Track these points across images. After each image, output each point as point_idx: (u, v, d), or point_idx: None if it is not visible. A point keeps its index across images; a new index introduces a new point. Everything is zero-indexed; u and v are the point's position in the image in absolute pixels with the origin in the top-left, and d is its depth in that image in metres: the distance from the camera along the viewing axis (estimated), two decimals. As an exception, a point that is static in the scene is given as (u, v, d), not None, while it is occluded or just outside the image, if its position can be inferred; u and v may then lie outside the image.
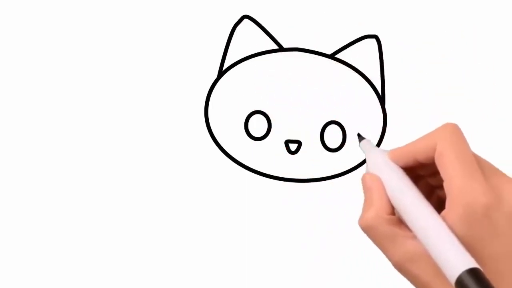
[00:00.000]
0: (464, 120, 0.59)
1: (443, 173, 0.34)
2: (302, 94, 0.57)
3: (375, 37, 0.58)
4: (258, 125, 0.57)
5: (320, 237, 0.57)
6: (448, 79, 0.59)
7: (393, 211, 0.36)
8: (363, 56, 0.58)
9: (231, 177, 0.57)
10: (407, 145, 0.38)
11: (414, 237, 0.34)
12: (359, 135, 0.42)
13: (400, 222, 0.36)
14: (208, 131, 0.57)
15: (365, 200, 0.37)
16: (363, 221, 0.36)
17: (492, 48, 0.59)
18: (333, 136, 0.57)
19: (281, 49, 0.58)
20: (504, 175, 0.36)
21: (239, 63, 0.57)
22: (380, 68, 0.58)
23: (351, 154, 0.57)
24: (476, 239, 0.33)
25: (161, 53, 0.58)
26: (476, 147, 0.59)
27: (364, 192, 0.38)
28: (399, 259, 0.36)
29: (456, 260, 0.31)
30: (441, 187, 0.35)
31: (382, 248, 0.36)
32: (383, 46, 0.58)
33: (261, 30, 0.58)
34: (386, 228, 0.35)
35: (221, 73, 0.57)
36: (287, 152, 0.57)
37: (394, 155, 0.38)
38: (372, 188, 0.37)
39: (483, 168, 0.35)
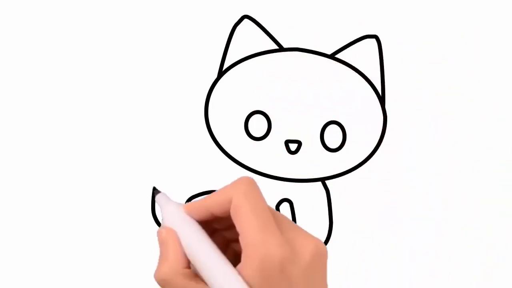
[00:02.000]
0: (464, 120, 0.59)
1: (238, 227, 0.34)
2: (302, 94, 0.57)
3: (375, 37, 0.58)
4: (258, 125, 0.57)
5: (320, 237, 0.57)
6: (448, 79, 0.59)
7: (188, 264, 0.36)
8: (363, 56, 0.58)
9: (231, 177, 0.57)
10: (203, 199, 0.37)
11: None
12: (154, 188, 0.42)
13: (196, 276, 0.36)
14: (208, 131, 0.57)
15: (161, 254, 0.37)
16: (159, 275, 0.36)
17: (492, 48, 0.59)
18: (333, 136, 0.57)
19: (281, 49, 0.58)
20: (299, 229, 0.36)
21: (239, 63, 0.57)
22: (380, 68, 0.58)
23: (351, 154, 0.57)
24: None
25: (162, 53, 0.58)
26: (476, 147, 0.59)
27: (160, 246, 0.37)
28: None
29: None
30: (236, 240, 0.35)
31: None
32: (383, 46, 0.58)
33: (261, 30, 0.58)
34: (181, 282, 0.35)
35: (221, 73, 0.57)
36: (287, 152, 0.57)
37: (189, 208, 0.37)
38: (167, 241, 0.37)
39: (278, 222, 0.35)
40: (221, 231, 0.39)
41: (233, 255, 0.38)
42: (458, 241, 0.58)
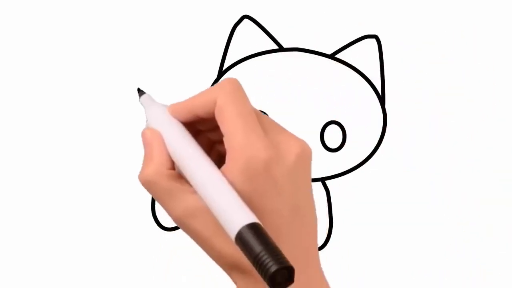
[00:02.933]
0: (464, 120, 0.59)
1: (223, 128, 0.34)
2: (302, 94, 0.57)
3: (375, 37, 0.58)
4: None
5: (319, 236, 0.58)
6: (448, 79, 0.59)
7: (173, 166, 0.35)
8: (363, 56, 0.58)
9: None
10: (187, 100, 0.37)
11: (195, 192, 0.34)
12: (139, 89, 0.41)
13: (181, 177, 0.35)
14: (208, 131, 0.57)
15: (145, 155, 0.36)
16: (143, 176, 0.35)
17: (492, 48, 0.59)
18: (333, 136, 0.57)
19: (281, 49, 0.58)
20: (284, 130, 0.36)
21: (239, 63, 0.57)
22: (380, 68, 0.58)
23: (351, 154, 0.57)
24: (257, 194, 0.32)
25: (162, 53, 0.58)
26: (476, 147, 0.59)
27: (144, 147, 0.37)
28: (179, 214, 0.35)
29: (236, 215, 0.30)
30: (221, 142, 0.35)
31: (163, 203, 0.35)
32: (383, 46, 0.58)
33: (261, 30, 0.58)
34: (166, 183, 0.35)
35: (221, 73, 0.57)
36: (287, 152, 0.57)
37: (174, 110, 0.37)
38: (152, 143, 0.36)
39: (263, 124, 0.35)
40: (206, 132, 0.38)
41: (218, 157, 0.37)
42: (458, 241, 0.58)
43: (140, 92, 0.40)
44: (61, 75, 0.58)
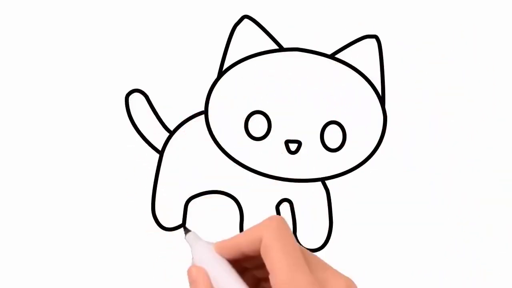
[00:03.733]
0: (464, 120, 0.59)
1: (269, 266, 0.34)
2: (302, 94, 0.57)
3: (375, 37, 0.58)
4: (258, 125, 0.57)
5: (320, 236, 0.57)
6: (448, 79, 0.59)
7: None
8: (363, 56, 0.58)
9: (231, 177, 0.57)
10: (233, 237, 0.37)
11: None
12: (185, 227, 0.42)
13: None
14: (208, 131, 0.57)
15: None
16: None
17: (492, 48, 0.59)
18: (333, 136, 0.57)
19: (281, 49, 0.58)
20: (329, 267, 0.36)
21: (239, 63, 0.57)
22: (380, 68, 0.58)
23: (351, 154, 0.57)
24: None
25: (162, 53, 0.58)
26: (476, 147, 0.59)
27: (190, 285, 0.38)
28: None
29: None
30: (267, 279, 0.35)
31: None
32: (383, 46, 0.58)
33: (261, 30, 0.58)
34: None
35: (221, 73, 0.57)
36: (287, 152, 0.57)
37: (220, 247, 0.38)
38: (198, 280, 0.37)
39: (309, 261, 0.36)
40: (252, 270, 0.39)
41: None
42: (458, 241, 0.58)
43: (186, 230, 0.41)
44: (62, 75, 0.58)
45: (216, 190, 0.57)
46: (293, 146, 0.57)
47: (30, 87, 0.58)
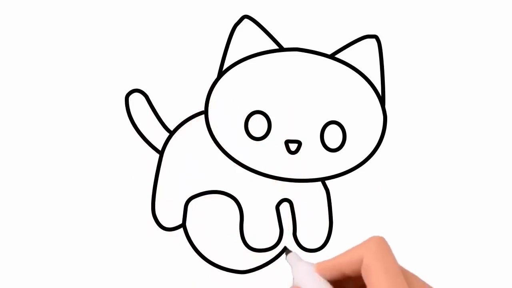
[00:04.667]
0: (464, 120, 0.59)
1: (369, 287, 0.35)
2: (302, 94, 0.57)
3: (375, 37, 0.58)
4: (258, 125, 0.57)
5: (320, 236, 0.57)
6: (448, 79, 0.59)
7: None
8: (363, 56, 0.58)
9: (231, 177, 0.57)
10: (334, 258, 0.38)
11: None
12: (285, 248, 0.42)
13: None
14: (208, 131, 0.57)
15: None
16: None
17: (492, 48, 0.59)
18: (333, 136, 0.57)
19: (281, 49, 0.58)
20: (429, 287, 0.36)
21: (239, 63, 0.57)
22: (380, 68, 0.58)
23: (351, 154, 0.57)
24: None
25: (162, 53, 0.58)
26: (476, 147, 0.59)
27: None
28: None
29: None
30: None
31: None
32: (383, 46, 0.58)
33: (261, 30, 0.58)
34: None
35: (221, 73, 0.57)
36: (287, 152, 0.57)
37: (321, 268, 0.38)
38: None
39: (409, 281, 0.36)
40: None
41: None
42: (458, 241, 0.58)
43: (287, 250, 0.41)
44: (61, 75, 0.58)
45: (216, 190, 0.57)
46: (293, 146, 0.57)
47: (30, 87, 0.58)
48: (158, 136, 0.58)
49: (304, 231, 0.58)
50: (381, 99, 0.58)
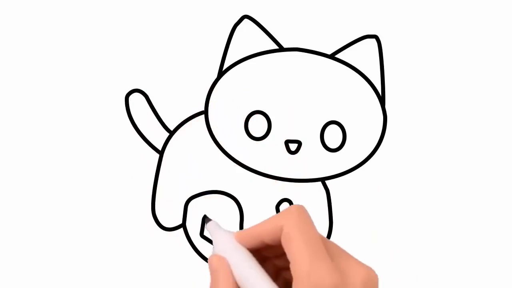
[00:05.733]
0: (464, 120, 0.59)
1: (289, 255, 0.35)
2: (302, 94, 0.57)
3: (375, 37, 0.58)
4: (258, 125, 0.57)
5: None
6: (448, 79, 0.59)
7: None
8: (363, 56, 0.58)
9: (231, 177, 0.57)
10: (253, 227, 0.37)
11: None
12: (205, 216, 0.42)
13: None
14: (208, 131, 0.57)
15: (211, 282, 0.37)
16: None
17: (492, 48, 0.59)
18: (333, 136, 0.57)
19: (281, 49, 0.58)
20: (350, 256, 0.37)
21: (239, 63, 0.57)
22: (380, 68, 0.58)
23: (351, 154, 0.57)
24: None
25: (162, 53, 0.58)
26: (476, 147, 0.59)
27: (210, 274, 0.38)
28: None
29: None
30: (287, 268, 0.35)
31: None
32: (383, 46, 0.58)
33: (261, 30, 0.58)
34: None
35: (221, 73, 0.57)
36: (287, 152, 0.57)
37: (240, 237, 0.38)
38: (218, 269, 0.37)
39: (329, 249, 0.36)
40: (272, 259, 0.39)
41: (284, 283, 0.38)
42: (458, 241, 0.58)
43: (207, 219, 0.41)
44: (61, 75, 0.58)
45: (216, 190, 0.57)
46: (293, 146, 0.57)
47: (30, 88, 0.58)
48: (158, 136, 0.58)
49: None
50: (381, 99, 0.58)
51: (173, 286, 0.57)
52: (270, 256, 0.38)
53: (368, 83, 0.58)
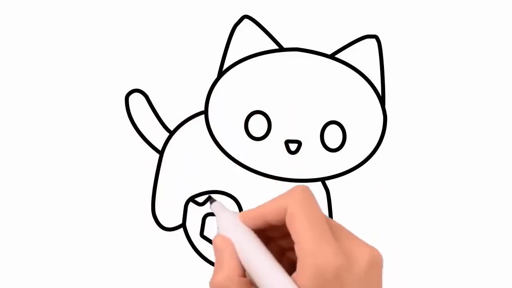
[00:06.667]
0: (464, 120, 0.59)
1: (293, 235, 0.35)
2: (302, 94, 0.57)
3: (375, 37, 0.58)
4: (258, 125, 0.57)
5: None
6: (448, 79, 0.59)
7: (244, 273, 0.36)
8: (363, 56, 0.58)
9: (231, 177, 0.57)
10: (258, 207, 0.37)
11: None
12: (210, 197, 0.42)
13: (251, 284, 0.36)
14: (208, 131, 0.57)
15: (216, 262, 0.37)
16: (213, 282, 0.36)
17: (492, 48, 0.59)
18: (333, 136, 0.57)
19: (281, 49, 0.58)
20: (354, 237, 0.36)
21: (239, 63, 0.57)
22: (380, 68, 0.58)
23: (351, 154, 0.57)
24: None
25: (162, 53, 0.58)
26: (476, 147, 0.59)
27: (215, 254, 0.38)
28: None
29: None
30: (292, 249, 0.35)
31: None
32: (383, 46, 0.58)
33: (261, 30, 0.58)
34: None
35: (221, 73, 0.57)
36: (287, 152, 0.57)
37: (245, 217, 0.38)
38: (223, 250, 0.37)
39: (333, 230, 0.36)
40: (277, 239, 0.39)
41: (289, 264, 0.38)
42: (458, 241, 0.58)
43: (211, 199, 0.41)
44: (61, 75, 0.58)
45: (216, 190, 0.57)
46: (293, 146, 0.57)
47: (30, 88, 0.58)
48: (158, 136, 0.58)
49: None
50: (381, 99, 0.58)
51: (173, 286, 0.57)
52: (275, 236, 0.39)
53: (368, 83, 0.58)
